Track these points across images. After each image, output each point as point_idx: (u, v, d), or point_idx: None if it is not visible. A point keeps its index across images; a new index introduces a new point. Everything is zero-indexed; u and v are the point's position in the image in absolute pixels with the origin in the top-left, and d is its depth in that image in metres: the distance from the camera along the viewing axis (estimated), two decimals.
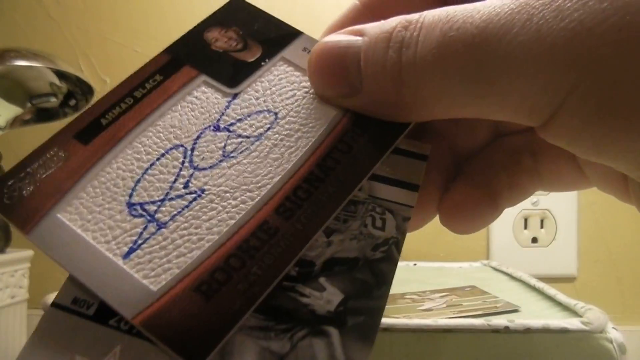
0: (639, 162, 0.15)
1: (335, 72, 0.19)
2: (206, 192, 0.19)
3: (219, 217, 0.19)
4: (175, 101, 0.21)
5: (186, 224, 0.19)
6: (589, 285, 0.82)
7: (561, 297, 0.48)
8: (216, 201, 0.19)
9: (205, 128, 0.20)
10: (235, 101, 0.21)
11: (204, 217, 0.19)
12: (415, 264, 0.72)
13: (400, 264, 0.67)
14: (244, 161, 0.20)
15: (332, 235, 0.20)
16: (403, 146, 0.21)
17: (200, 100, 0.21)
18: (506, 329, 0.39)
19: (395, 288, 0.56)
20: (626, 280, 0.82)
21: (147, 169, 0.20)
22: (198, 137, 0.20)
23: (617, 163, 0.15)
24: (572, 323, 0.40)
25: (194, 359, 0.16)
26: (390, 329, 0.40)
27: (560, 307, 0.47)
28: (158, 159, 0.20)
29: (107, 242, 0.18)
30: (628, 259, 0.82)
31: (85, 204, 0.19)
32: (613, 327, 0.40)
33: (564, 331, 0.39)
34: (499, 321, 0.40)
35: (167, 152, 0.20)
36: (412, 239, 0.89)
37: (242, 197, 0.19)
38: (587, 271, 0.82)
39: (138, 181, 0.19)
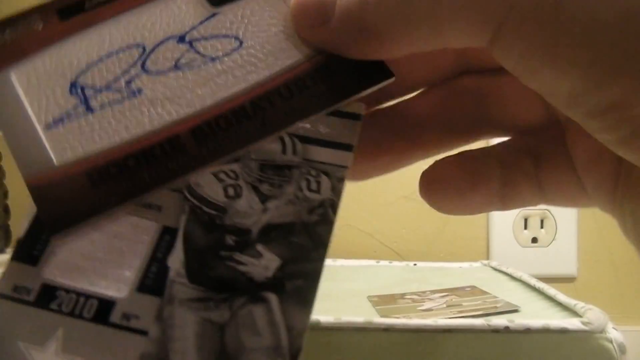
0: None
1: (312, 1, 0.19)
2: (141, 95, 0.20)
3: (139, 120, 0.19)
4: (158, 4, 0.22)
5: (110, 117, 0.19)
6: (589, 285, 0.82)
7: (561, 297, 0.48)
8: (145, 105, 0.20)
9: (171, 37, 0.21)
10: (211, 20, 0.21)
11: (127, 115, 0.19)
12: (415, 264, 0.72)
13: (400, 264, 0.67)
14: (189, 77, 0.20)
15: (267, 201, 0.20)
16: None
17: (179, 9, 0.22)
18: (506, 329, 0.39)
19: (396, 288, 0.56)
20: (626, 281, 0.82)
21: (102, 57, 0.20)
22: (160, 43, 0.21)
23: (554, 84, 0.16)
24: (572, 323, 0.40)
25: (50, 226, 0.18)
26: (390, 329, 0.40)
27: (560, 307, 0.47)
28: (117, 52, 0.21)
29: (39, 109, 0.19)
30: (628, 259, 0.82)
31: (37, 71, 0.20)
32: (613, 327, 0.40)
33: (564, 331, 0.39)
34: (499, 321, 0.40)
35: (128, 47, 0.21)
36: (412, 239, 0.89)
37: (169, 108, 0.20)
38: (587, 271, 0.82)
39: (90, 65, 0.20)
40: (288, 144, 0.21)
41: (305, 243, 0.19)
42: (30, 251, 0.19)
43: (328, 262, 0.20)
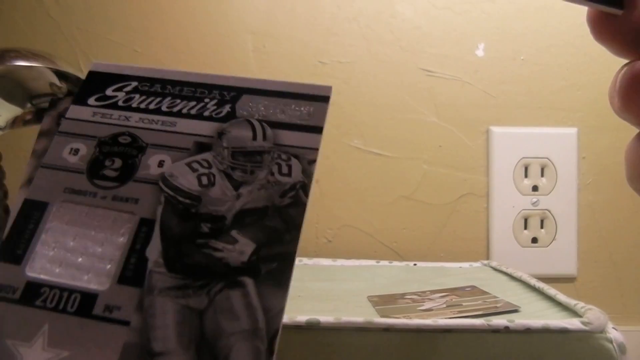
0: None
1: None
2: None
3: None
4: None
5: None
6: (589, 285, 0.82)
7: (561, 297, 0.48)
8: None
9: None
10: None
11: None
12: (415, 264, 0.72)
13: (400, 264, 0.67)
14: None
15: (240, 187, 0.20)
16: (304, 90, 0.22)
17: None
18: (506, 329, 0.39)
19: (396, 288, 0.56)
20: (626, 281, 0.82)
21: None
22: None
23: None
24: (572, 323, 0.40)
25: None
26: (390, 329, 0.40)
27: (561, 307, 0.47)
28: None
29: None
30: (628, 259, 0.82)
31: None
32: (613, 327, 0.40)
33: (564, 331, 0.39)
34: (499, 321, 0.40)
35: None
36: (412, 239, 0.89)
37: None
38: (587, 271, 0.82)
39: None
40: (258, 130, 0.22)
41: (279, 226, 0.20)
42: (14, 250, 0.20)
43: (328, 262, 0.20)
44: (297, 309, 0.43)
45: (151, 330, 0.18)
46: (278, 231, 0.20)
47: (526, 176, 0.81)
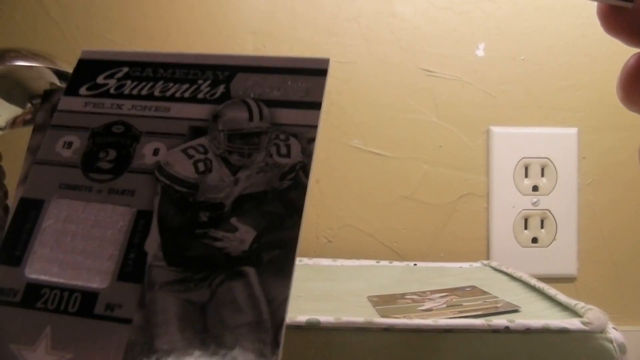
0: None
1: None
2: None
3: None
4: None
5: None
6: (589, 286, 0.82)
7: (561, 297, 0.48)
8: None
9: None
10: None
11: None
12: (415, 264, 0.72)
13: (400, 264, 0.67)
14: None
15: (238, 172, 0.20)
16: (300, 64, 0.21)
17: None
18: (506, 329, 0.39)
19: (395, 288, 0.56)
20: (626, 281, 0.82)
21: None
22: None
23: None
24: (572, 323, 0.40)
25: None
26: (390, 329, 0.40)
27: (561, 307, 0.47)
28: None
29: None
30: (628, 259, 0.82)
31: None
32: (613, 327, 0.40)
33: (564, 331, 0.39)
34: (499, 321, 0.40)
35: None
36: (412, 239, 0.89)
37: None
38: (587, 271, 0.82)
39: None
40: (254, 110, 0.21)
41: (279, 211, 0.19)
42: (12, 252, 0.19)
43: (328, 262, 0.19)
44: (297, 309, 0.43)
45: (154, 327, 0.17)
46: (279, 216, 0.19)
47: (526, 176, 0.81)
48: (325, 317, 0.40)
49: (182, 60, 0.26)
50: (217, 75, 0.23)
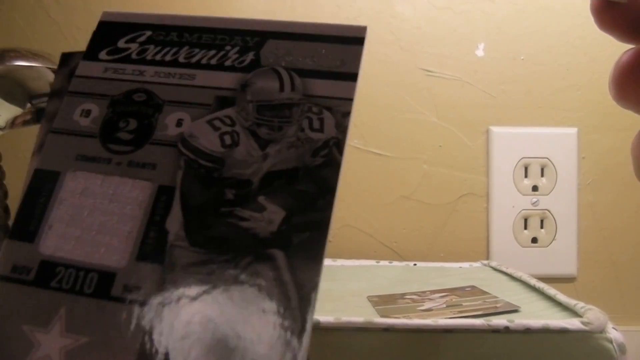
0: None
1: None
2: None
3: None
4: None
5: None
6: (589, 285, 0.82)
7: (561, 297, 0.48)
8: None
9: None
10: None
11: None
12: (415, 264, 0.72)
13: (400, 264, 0.67)
14: None
15: (267, 146, 0.18)
16: (335, 32, 0.19)
17: None
18: (506, 329, 0.39)
19: (395, 288, 0.56)
20: (626, 281, 0.82)
21: None
22: None
23: None
24: (572, 323, 0.40)
25: None
26: (390, 329, 0.40)
27: (560, 307, 0.47)
28: None
29: None
30: (628, 259, 0.82)
31: None
32: (613, 327, 0.40)
33: (564, 331, 0.39)
34: (499, 321, 0.40)
35: None
36: (412, 239, 0.89)
37: None
38: (587, 271, 0.82)
39: None
40: (286, 80, 0.19)
41: (311, 190, 0.18)
42: (26, 227, 0.18)
43: (328, 262, 0.18)
44: None
45: None
46: (310, 196, 0.17)
47: (526, 176, 0.81)
48: (325, 317, 0.40)
49: (209, 24, 0.24)
50: (247, 42, 0.22)
